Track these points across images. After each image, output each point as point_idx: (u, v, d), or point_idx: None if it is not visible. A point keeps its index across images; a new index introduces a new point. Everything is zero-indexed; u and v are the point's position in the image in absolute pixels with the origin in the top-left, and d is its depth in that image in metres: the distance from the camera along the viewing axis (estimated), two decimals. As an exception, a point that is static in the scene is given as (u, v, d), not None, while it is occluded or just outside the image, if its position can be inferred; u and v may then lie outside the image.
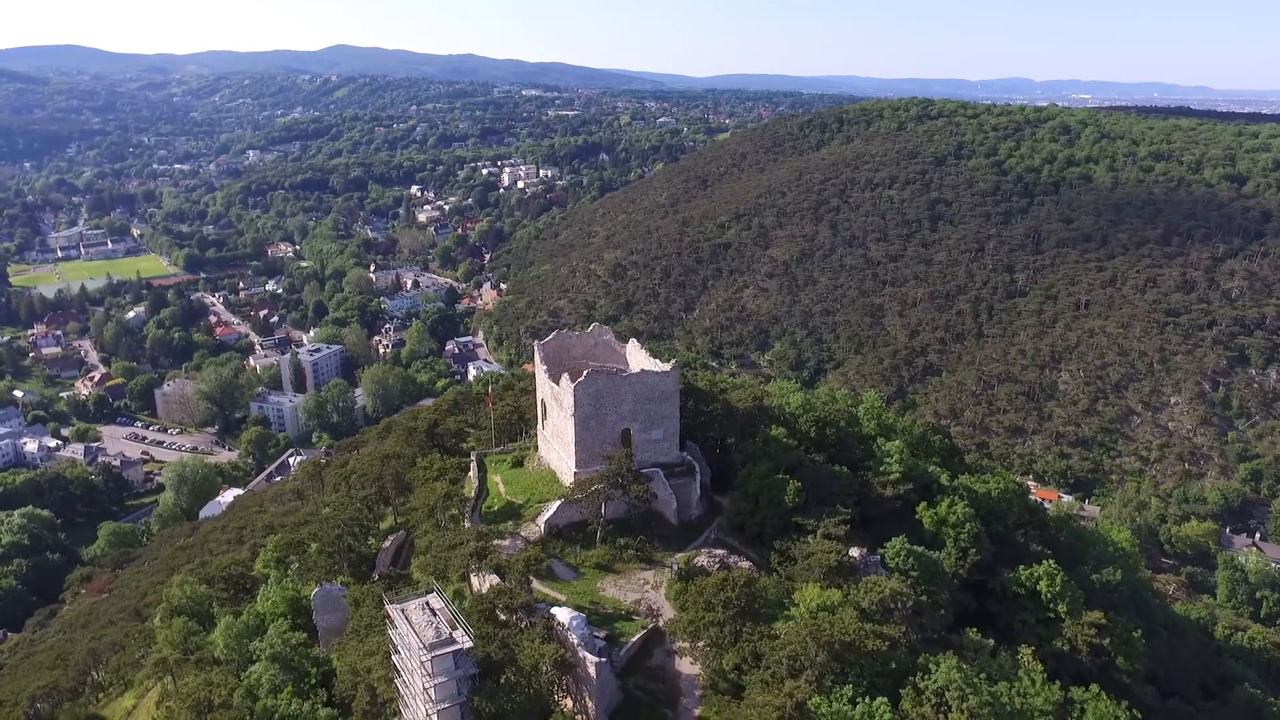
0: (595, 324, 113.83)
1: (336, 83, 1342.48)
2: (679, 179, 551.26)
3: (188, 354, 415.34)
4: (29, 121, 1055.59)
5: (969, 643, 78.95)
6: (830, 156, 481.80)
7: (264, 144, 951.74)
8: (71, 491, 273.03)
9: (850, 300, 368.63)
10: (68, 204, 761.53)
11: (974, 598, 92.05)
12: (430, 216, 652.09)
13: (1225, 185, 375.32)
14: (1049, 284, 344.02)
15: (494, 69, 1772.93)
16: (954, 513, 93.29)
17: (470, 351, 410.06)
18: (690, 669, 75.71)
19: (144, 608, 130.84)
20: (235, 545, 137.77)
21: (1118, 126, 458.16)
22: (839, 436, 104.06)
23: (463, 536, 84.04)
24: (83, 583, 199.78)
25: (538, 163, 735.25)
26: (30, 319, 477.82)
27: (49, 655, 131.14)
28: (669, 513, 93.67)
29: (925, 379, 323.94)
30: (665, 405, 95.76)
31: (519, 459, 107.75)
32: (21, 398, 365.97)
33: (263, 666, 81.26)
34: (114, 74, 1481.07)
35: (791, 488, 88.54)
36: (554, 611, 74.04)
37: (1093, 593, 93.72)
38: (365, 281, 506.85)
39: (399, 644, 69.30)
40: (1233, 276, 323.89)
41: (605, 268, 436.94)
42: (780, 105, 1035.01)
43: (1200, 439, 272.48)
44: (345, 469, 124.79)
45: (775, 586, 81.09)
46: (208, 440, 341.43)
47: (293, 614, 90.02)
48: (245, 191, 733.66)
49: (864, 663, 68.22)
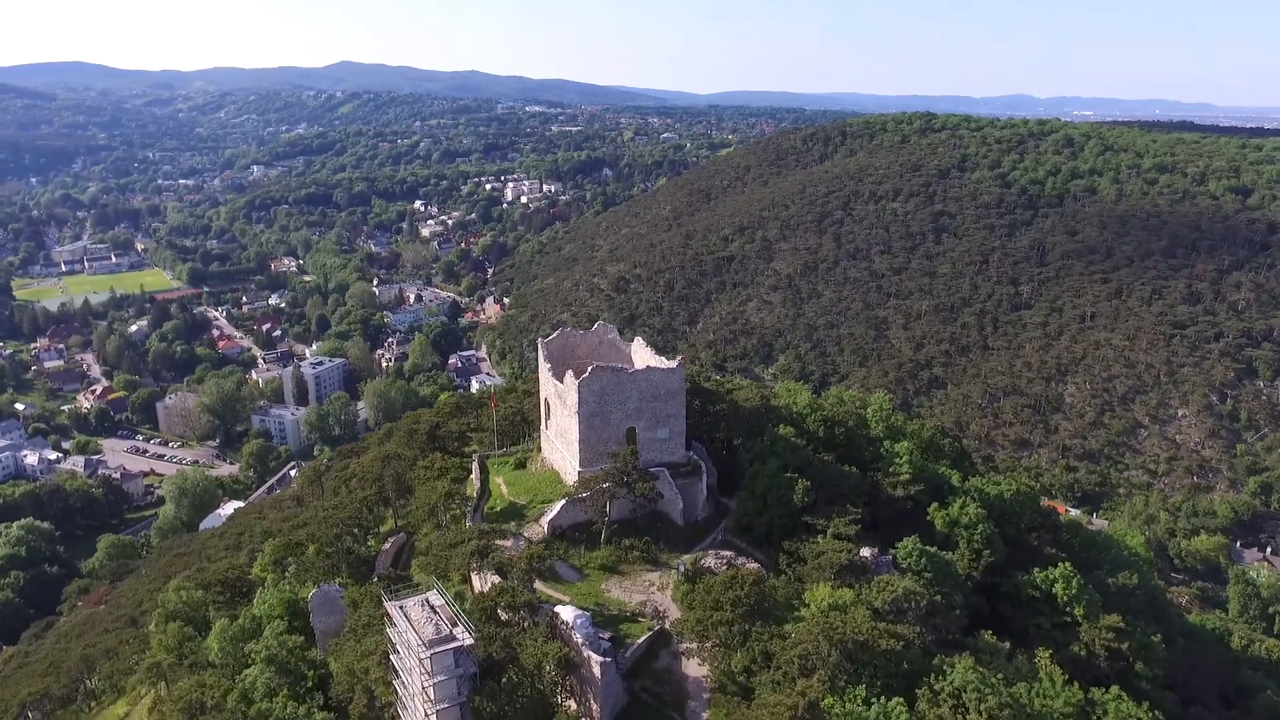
0: (600, 322, 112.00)
1: (341, 99, 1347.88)
2: (682, 193, 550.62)
3: (190, 367, 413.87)
4: (36, 137, 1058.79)
5: (984, 645, 76.51)
6: (834, 169, 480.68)
7: (268, 159, 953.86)
8: (71, 504, 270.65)
9: (854, 313, 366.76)
10: (72, 219, 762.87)
11: (987, 601, 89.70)
12: (433, 231, 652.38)
13: (1230, 198, 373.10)
14: (1054, 296, 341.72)
15: (498, 85, 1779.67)
16: (966, 514, 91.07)
17: (473, 365, 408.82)
18: (698, 671, 73.40)
19: (140, 616, 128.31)
20: (233, 551, 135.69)
21: (1121, 140, 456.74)
22: (847, 436, 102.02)
23: (464, 535, 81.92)
24: (80, 595, 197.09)
25: (541, 178, 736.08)
26: (33, 333, 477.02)
27: (42, 663, 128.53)
28: (675, 513, 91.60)
29: (930, 392, 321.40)
30: (671, 403, 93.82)
31: (522, 460, 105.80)
32: (23, 411, 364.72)
33: (258, 669, 79.02)
34: (121, 90, 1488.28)
35: (800, 486, 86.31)
36: (558, 610, 71.84)
37: (1109, 597, 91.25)
38: (368, 295, 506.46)
39: (398, 642, 67.11)
40: (1239, 288, 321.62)
41: (608, 281, 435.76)
42: (783, 121, 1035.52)
43: (1209, 452, 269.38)
44: (346, 473, 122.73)
45: (785, 587, 79.03)
46: (209, 454, 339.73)
47: (290, 616, 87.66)
48: (249, 206, 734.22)
49: (878, 663, 66.00)
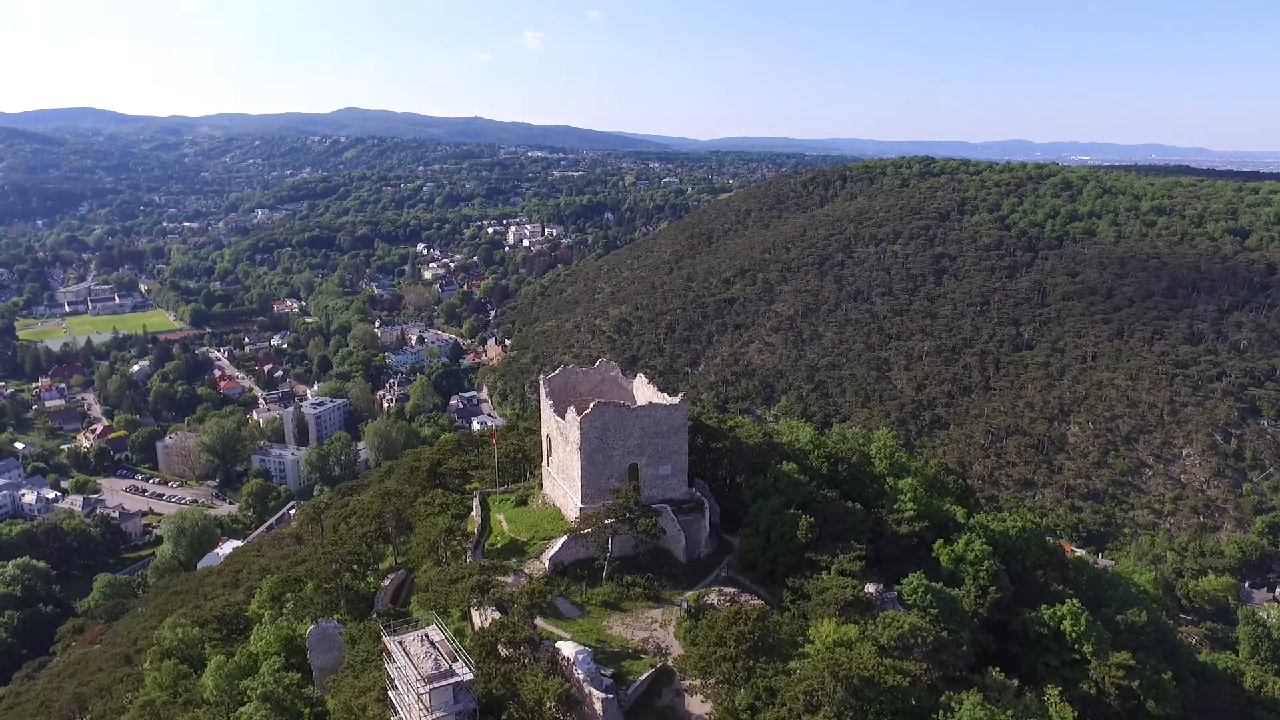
0: (602, 359, 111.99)
1: (345, 144, 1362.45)
2: (683, 235, 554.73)
3: (191, 407, 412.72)
4: (43, 181, 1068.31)
5: (992, 683, 75.18)
6: (834, 212, 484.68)
7: (272, 203, 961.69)
8: (68, 543, 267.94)
9: (856, 354, 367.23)
10: (77, 260, 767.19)
11: (994, 639, 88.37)
12: (436, 274, 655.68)
13: (1229, 239, 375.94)
14: (1055, 337, 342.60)
15: (501, 131, 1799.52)
16: (972, 550, 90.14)
17: (475, 406, 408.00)
18: (701, 709, 71.95)
19: (135, 654, 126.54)
20: (230, 589, 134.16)
21: (1119, 183, 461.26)
22: (851, 473, 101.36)
23: (464, 571, 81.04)
24: (75, 634, 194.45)
25: (543, 221, 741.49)
26: (35, 372, 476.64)
27: (34, 703, 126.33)
28: (677, 550, 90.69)
29: (933, 432, 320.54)
30: (674, 439, 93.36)
31: (523, 498, 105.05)
32: (22, 449, 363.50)
33: (253, 707, 77.73)
34: (129, 135, 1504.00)
35: (804, 523, 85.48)
36: (559, 646, 70.77)
37: (1118, 634, 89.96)
38: (370, 337, 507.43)
39: (396, 678, 65.99)
40: (1240, 328, 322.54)
41: (610, 323, 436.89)
42: (784, 166, 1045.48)
43: (1214, 491, 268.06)
44: (346, 510, 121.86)
45: (789, 624, 77.95)
46: (208, 493, 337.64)
47: (287, 653, 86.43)
48: (253, 249, 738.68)
49: (884, 700, 64.79)
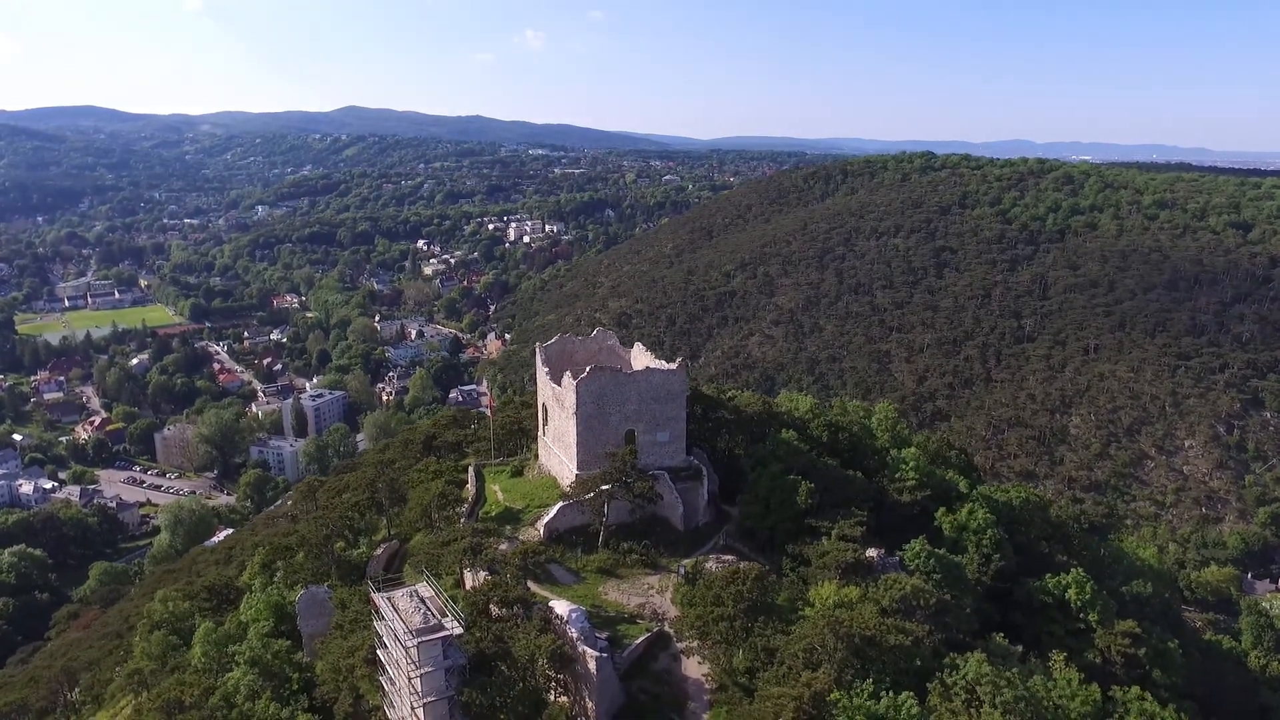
0: (599, 328, 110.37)
1: (346, 142, 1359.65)
2: (684, 230, 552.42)
3: (190, 400, 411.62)
4: (44, 178, 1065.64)
5: (996, 647, 73.56)
6: (835, 207, 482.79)
7: (273, 200, 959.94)
8: (65, 533, 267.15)
9: (857, 347, 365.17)
10: (77, 256, 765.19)
11: (998, 609, 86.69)
12: (436, 269, 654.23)
13: (1231, 233, 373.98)
14: (1057, 329, 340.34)
15: (502, 130, 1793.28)
16: (975, 519, 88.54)
17: (474, 399, 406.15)
18: (698, 672, 70.55)
19: (126, 631, 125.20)
20: (223, 564, 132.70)
21: (1120, 178, 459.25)
22: (852, 443, 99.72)
23: (457, 534, 79.42)
24: (69, 620, 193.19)
25: (544, 218, 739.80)
26: (34, 365, 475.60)
27: (22, 679, 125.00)
28: (675, 518, 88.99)
29: (934, 424, 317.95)
30: (672, 405, 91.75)
31: (518, 469, 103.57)
32: (20, 441, 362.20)
33: (241, 671, 76.14)
34: (130, 133, 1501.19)
35: (804, 489, 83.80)
36: (552, 604, 69.19)
37: (1123, 605, 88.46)
38: (370, 330, 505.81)
39: (385, 635, 64.35)
40: (1242, 321, 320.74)
41: (610, 317, 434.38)
42: (785, 164, 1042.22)
43: (1216, 483, 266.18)
44: (340, 484, 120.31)
45: (789, 589, 76.36)
46: (206, 484, 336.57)
47: (276, 620, 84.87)
48: (253, 244, 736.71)
49: (886, 659, 63.25)
